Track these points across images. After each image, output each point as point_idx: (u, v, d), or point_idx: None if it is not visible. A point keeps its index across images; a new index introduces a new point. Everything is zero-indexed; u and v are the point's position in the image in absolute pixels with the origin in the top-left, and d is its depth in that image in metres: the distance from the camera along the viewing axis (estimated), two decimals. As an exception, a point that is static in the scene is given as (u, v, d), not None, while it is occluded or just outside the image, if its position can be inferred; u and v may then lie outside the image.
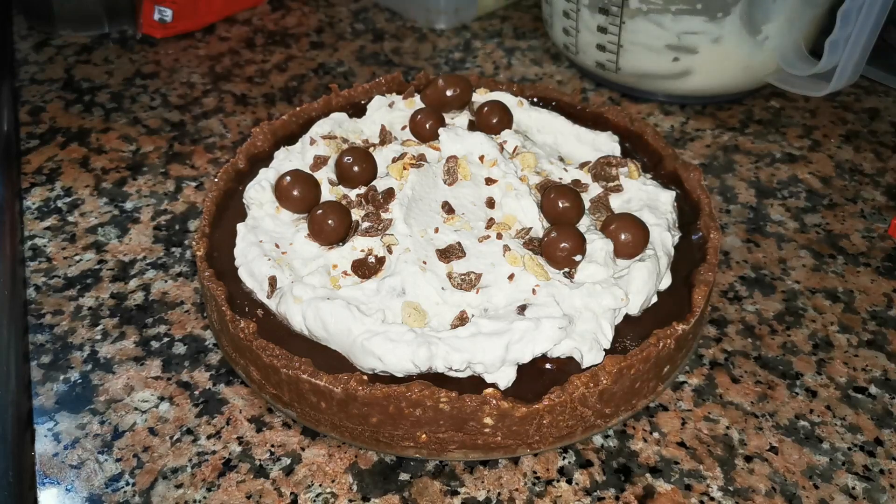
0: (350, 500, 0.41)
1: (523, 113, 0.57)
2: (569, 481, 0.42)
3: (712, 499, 0.41)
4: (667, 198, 0.50)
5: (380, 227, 0.46)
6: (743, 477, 0.42)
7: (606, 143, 0.55)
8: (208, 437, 0.44)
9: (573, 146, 0.55)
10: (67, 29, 0.79)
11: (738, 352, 0.49)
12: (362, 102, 0.60)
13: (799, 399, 0.46)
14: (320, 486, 0.42)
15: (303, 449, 0.43)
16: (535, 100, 0.61)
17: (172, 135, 0.67)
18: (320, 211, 0.46)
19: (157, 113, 0.69)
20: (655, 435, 0.44)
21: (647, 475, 0.42)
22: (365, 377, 0.40)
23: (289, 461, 0.43)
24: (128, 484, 0.42)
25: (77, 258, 0.55)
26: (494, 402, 0.39)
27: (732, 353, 0.49)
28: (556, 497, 0.41)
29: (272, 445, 0.44)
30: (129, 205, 0.60)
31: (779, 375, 0.47)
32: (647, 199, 0.50)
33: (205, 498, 0.41)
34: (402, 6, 0.84)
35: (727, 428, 0.44)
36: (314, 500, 0.41)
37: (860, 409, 0.46)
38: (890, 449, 0.43)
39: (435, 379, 0.41)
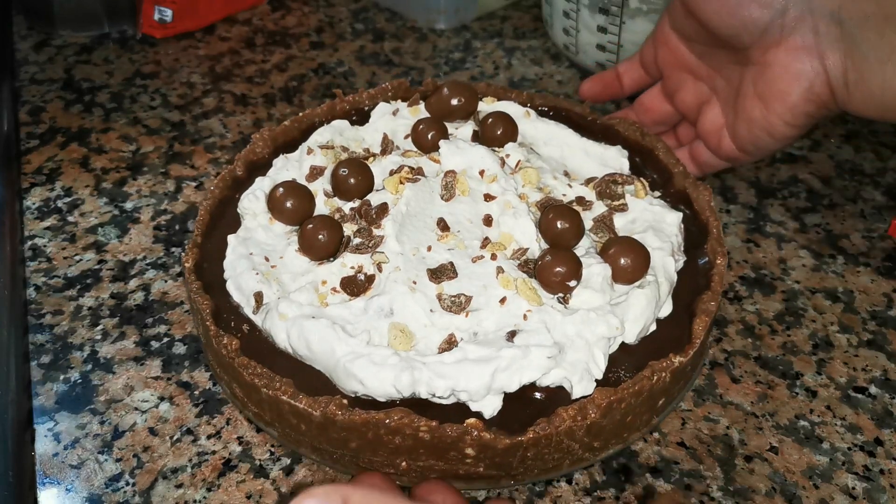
0: (350, 500, 0.41)
1: (529, 124, 0.55)
2: (569, 481, 0.42)
3: (712, 499, 0.41)
4: (673, 219, 0.48)
5: (370, 245, 0.45)
6: (743, 477, 0.42)
7: (615, 159, 0.53)
8: (208, 437, 0.44)
9: (580, 160, 0.54)
10: (67, 29, 0.79)
11: (738, 352, 0.49)
12: (366, 108, 0.59)
13: (799, 399, 0.46)
14: (321, 485, 0.42)
15: (296, 452, 0.43)
16: (545, 109, 0.59)
17: (172, 135, 0.67)
18: (311, 225, 0.45)
19: (157, 113, 0.69)
20: (655, 435, 0.44)
21: (647, 475, 0.42)
22: (345, 401, 0.39)
23: (289, 461, 0.43)
24: (128, 484, 0.42)
25: (77, 258, 0.55)
26: (476, 433, 0.38)
27: (732, 353, 0.49)
28: (556, 497, 0.41)
29: (272, 445, 0.44)
30: (129, 205, 0.60)
31: (779, 375, 0.47)
32: (652, 219, 0.48)
33: (205, 498, 0.41)
34: (402, 6, 0.84)
35: (727, 428, 0.44)
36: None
37: (860, 409, 0.46)
38: (890, 449, 0.44)
39: (419, 403, 0.40)
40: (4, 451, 0.45)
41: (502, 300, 0.42)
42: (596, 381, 0.41)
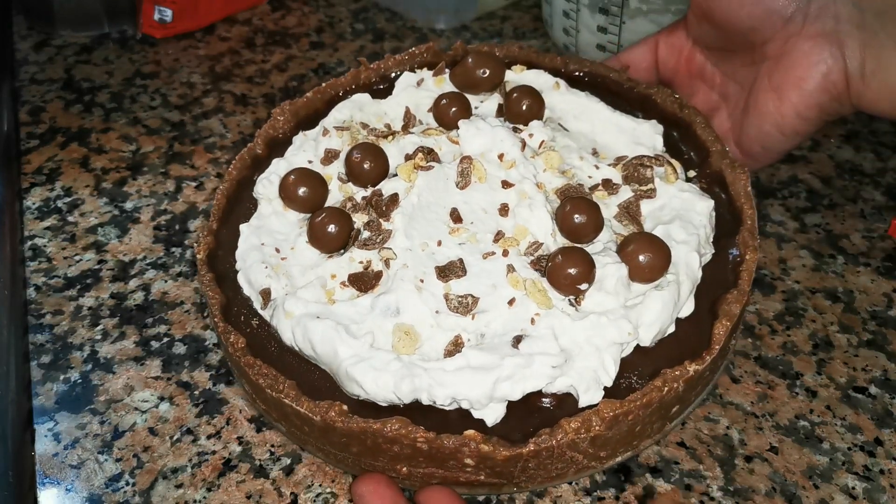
0: (350, 500, 0.41)
1: (559, 96, 0.52)
2: (569, 481, 0.42)
3: (712, 499, 0.41)
4: (703, 208, 0.45)
5: (378, 240, 0.44)
6: (743, 477, 0.42)
7: (648, 135, 0.50)
8: (208, 437, 0.44)
9: (612, 136, 0.51)
10: (67, 29, 0.79)
11: (738, 352, 0.49)
12: (392, 75, 0.56)
13: (799, 399, 0.46)
14: (320, 486, 0.42)
15: (303, 449, 0.43)
16: (579, 74, 0.57)
17: (172, 135, 0.67)
18: (320, 218, 0.44)
19: (157, 113, 0.69)
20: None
21: (647, 475, 0.42)
22: (345, 408, 0.38)
23: (289, 461, 0.43)
24: (128, 484, 0.42)
25: (77, 258, 0.55)
26: (474, 444, 0.37)
27: (732, 353, 0.49)
28: (556, 497, 0.41)
29: (272, 445, 0.44)
30: (129, 205, 0.60)
31: (779, 375, 0.47)
32: (680, 207, 0.46)
33: (205, 498, 0.41)
34: (402, 6, 0.84)
35: (727, 428, 0.44)
36: (314, 500, 0.41)
37: (860, 409, 0.46)
38: (890, 449, 0.44)
39: (421, 407, 0.39)
40: (4, 451, 0.45)
41: (511, 301, 0.41)
42: (605, 388, 0.39)
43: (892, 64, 0.44)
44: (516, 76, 0.54)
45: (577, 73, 0.57)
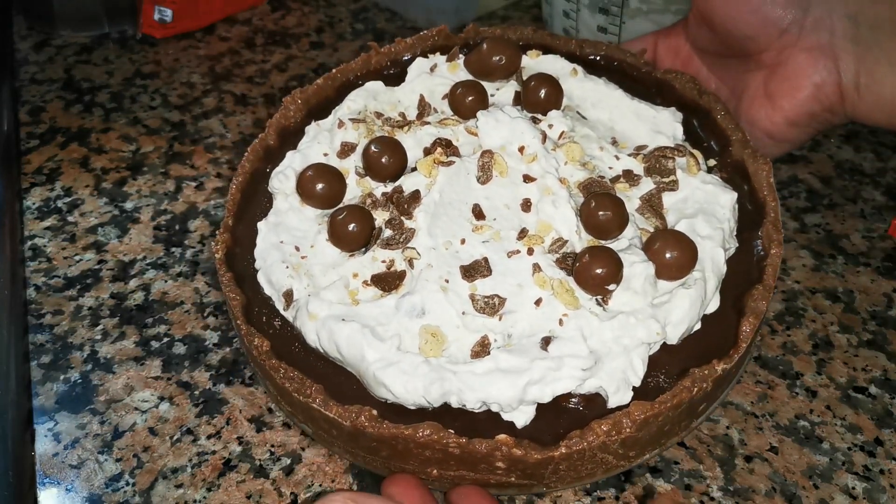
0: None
1: (577, 84, 0.51)
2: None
3: (712, 499, 0.41)
4: (727, 201, 0.44)
5: (401, 239, 0.43)
6: (743, 477, 0.42)
7: (668, 123, 0.49)
8: (208, 437, 0.44)
9: (631, 124, 0.50)
10: (67, 29, 0.79)
11: (738, 352, 0.49)
12: (404, 59, 0.55)
13: (799, 399, 0.46)
14: (320, 486, 0.42)
15: (303, 449, 0.43)
16: (595, 58, 0.56)
17: (172, 135, 0.67)
18: (340, 216, 0.43)
19: (157, 113, 0.69)
20: (655, 435, 0.44)
21: (647, 475, 0.42)
22: (374, 412, 0.38)
23: (289, 461, 0.43)
24: (128, 484, 0.42)
25: (77, 258, 0.55)
26: (506, 449, 0.36)
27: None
28: (556, 497, 0.41)
29: (272, 445, 0.44)
30: (129, 205, 0.60)
31: (779, 375, 0.47)
32: (704, 200, 0.45)
33: (205, 498, 0.41)
34: (402, 6, 0.84)
35: (727, 428, 0.44)
36: (314, 500, 0.41)
37: (860, 409, 0.46)
38: (890, 449, 0.44)
39: (450, 409, 0.39)
40: (4, 451, 0.45)
41: (538, 302, 0.40)
42: (634, 387, 0.39)
43: (885, 78, 0.45)
44: (532, 62, 0.52)
45: (591, 57, 0.56)
